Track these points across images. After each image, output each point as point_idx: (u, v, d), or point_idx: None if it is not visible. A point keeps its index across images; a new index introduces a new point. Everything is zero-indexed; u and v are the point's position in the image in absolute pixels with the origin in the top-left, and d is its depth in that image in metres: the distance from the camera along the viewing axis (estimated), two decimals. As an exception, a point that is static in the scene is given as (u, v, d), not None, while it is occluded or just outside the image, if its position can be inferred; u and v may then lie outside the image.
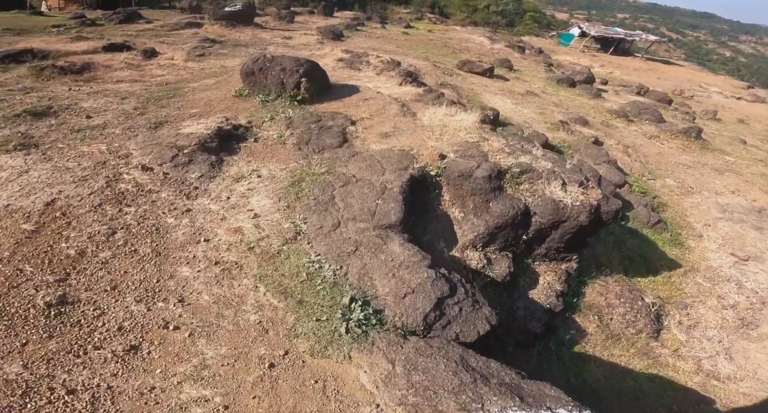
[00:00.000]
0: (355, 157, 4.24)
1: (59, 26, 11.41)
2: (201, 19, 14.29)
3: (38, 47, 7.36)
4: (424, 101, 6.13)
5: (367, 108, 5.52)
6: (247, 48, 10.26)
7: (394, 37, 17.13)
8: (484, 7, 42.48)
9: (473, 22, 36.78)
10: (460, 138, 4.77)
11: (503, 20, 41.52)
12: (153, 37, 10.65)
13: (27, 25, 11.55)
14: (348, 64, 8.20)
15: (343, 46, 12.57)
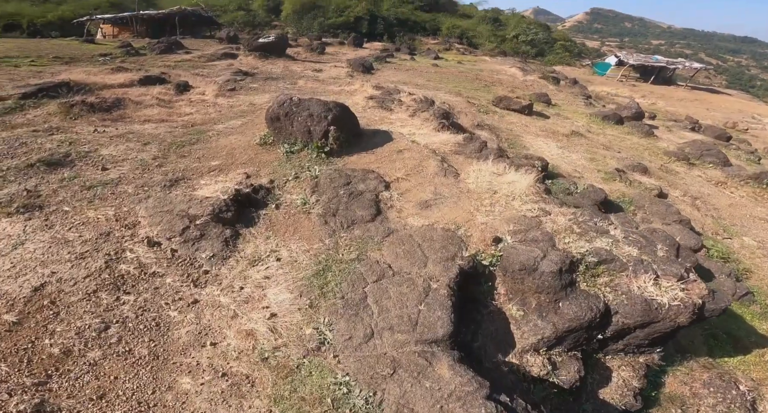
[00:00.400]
0: (390, 238, 3.60)
1: (106, 55, 11.85)
2: (236, 50, 14.60)
3: (77, 79, 7.38)
4: (466, 154, 5.48)
5: (402, 163, 4.93)
6: (278, 82, 10.13)
7: (424, 69, 16.91)
8: (513, 37, 42.41)
9: (502, 52, 36.57)
10: (515, 210, 4.04)
11: (533, 50, 41.15)
12: (189, 69, 10.78)
13: (77, 54, 12.08)
14: (379, 103, 7.76)
15: (373, 79, 12.33)
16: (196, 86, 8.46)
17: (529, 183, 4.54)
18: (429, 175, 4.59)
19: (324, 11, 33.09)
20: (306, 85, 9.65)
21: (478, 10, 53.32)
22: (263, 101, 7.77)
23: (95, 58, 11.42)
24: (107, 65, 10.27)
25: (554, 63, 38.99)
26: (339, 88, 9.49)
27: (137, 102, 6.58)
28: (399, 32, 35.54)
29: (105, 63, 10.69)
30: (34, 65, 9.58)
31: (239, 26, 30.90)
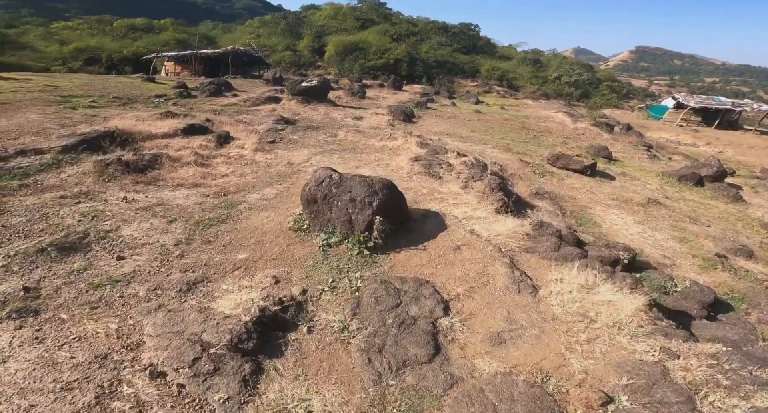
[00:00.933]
0: (454, 391, 2.64)
1: (160, 97, 12.35)
2: (281, 93, 14.90)
3: (124, 127, 7.35)
4: (539, 252, 4.50)
5: (461, 269, 4.03)
6: (318, 132, 9.84)
7: (466, 116, 16.41)
8: (555, 78, 41.83)
9: (545, 95, 35.93)
10: (625, 350, 2.97)
11: (576, 92, 40.17)
12: (233, 114, 10.85)
13: (135, 94, 12.71)
14: (425, 168, 7.05)
15: (416, 129, 11.86)
16: (237, 137, 8.27)
17: (637, 306, 3.45)
18: (498, 290, 3.64)
19: (365, 53, 34.49)
20: (346, 138, 9.25)
21: (517, 52, 53.82)
22: (301, 159, 7.33)
23: (150, 99, 11.88)
24: (159, 108, 10.55)
25: (601, 105, 37.64)
26: (380, 142, 8.98)
27: (175, 159, 6.31)
28: (438, 74, 36.10)
29: (157, 106, 11.03)
30: (94, 106, 9.97)
31: (286, 66, 32.75)
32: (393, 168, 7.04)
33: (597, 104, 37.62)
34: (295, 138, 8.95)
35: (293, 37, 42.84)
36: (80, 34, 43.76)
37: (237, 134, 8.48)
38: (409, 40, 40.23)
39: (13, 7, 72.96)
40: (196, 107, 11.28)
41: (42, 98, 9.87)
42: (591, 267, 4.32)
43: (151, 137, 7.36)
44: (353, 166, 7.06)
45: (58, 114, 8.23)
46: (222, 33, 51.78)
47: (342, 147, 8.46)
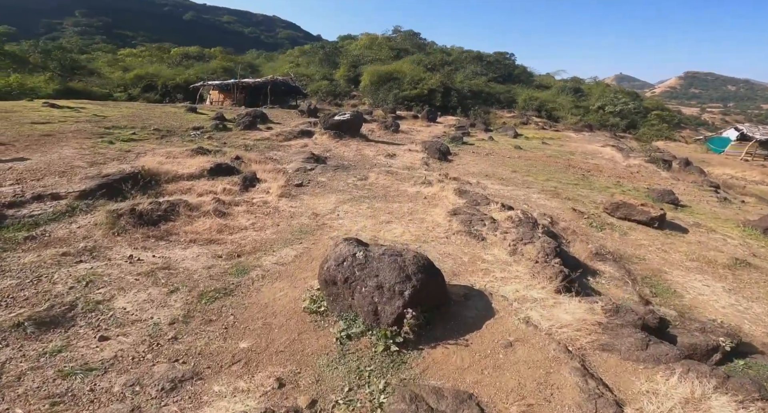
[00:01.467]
0: None
1: (198, 129, 12.60)
2: (314, 126, 14.86)
3: (151, 167, 7.19)
4: (620, 350, 3.43)
5: (515, 376, 3.08)
6: (348, 172, 9.35)
7: (505, 152, 15.50)
8: (598, 108, 40.05)
9: (588, 126, 34.24)
10: None
11: (622, 122, 38.02)
12: (265, 150, 10.69)
13: (175, 125, 13.08)
14: (465, 225, 6.19)
15: (452, 169, 11.11)
16: (264, 179, 7.90)
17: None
18: (567, 410, 2.66)
19: (399, 83, 34.90)
20: (377, 181, 8.65)
21: (555, 80, 52.60)
22: (327, 209, 6.75)
23: (188, 132, 12.10)
24: (193, 142, 10.62)
25: (651, 137, 35.27)
26: (414, 187, 8.28)
27: (194, 206, 5.92)
28: (472, 105, 35.67)
29: (192, 140, 11.15)
30: (133, 139, 10.19)
31: (322, 95, 33.74)
32: (428, 224, 6.25)
33: (646, 135, 35.30)
34: (323, 180, 8.47)
35: (330, 66, 44.59)
36: (141, 61, 48.01)
37: (264, 175, 8.14)
38: (444, 70, 40.49)
39: (89, 34, 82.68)
40: (230, 142, 11.29)
41: (86, 130, 10.24)
42: (695, 371, 3.23)
43: (177, 178, 7.13)
44: (384, 220, 6.35)
45: (93, 149, 8.34)
46: (265, 61, 55.12)
47: (372, 193, 7.84)
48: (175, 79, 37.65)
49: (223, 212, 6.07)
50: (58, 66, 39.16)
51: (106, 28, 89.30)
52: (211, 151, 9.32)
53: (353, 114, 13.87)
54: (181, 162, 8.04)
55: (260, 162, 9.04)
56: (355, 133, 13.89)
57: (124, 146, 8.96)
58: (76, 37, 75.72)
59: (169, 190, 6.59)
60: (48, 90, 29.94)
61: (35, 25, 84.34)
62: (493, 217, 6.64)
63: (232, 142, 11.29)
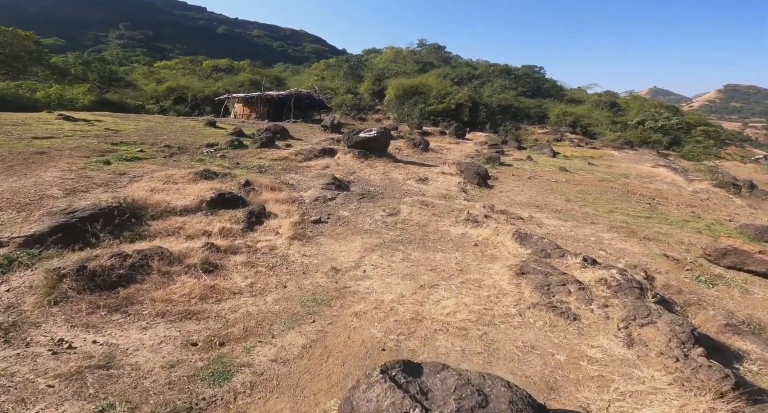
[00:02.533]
0: None
1: (211, 146, 11.44)
2: (337, 143, 13.48)
3: (139, 197, 5.85)
4: None
5: None
6: (375, 203, 7.75)
7: (550, 175, 13.53)
8: (637, 123, 37.15)
9: (628, 143, 31.51)
10: None
11: (665, 138, 34.89)
12: (281, 172, 9.30)
13: (189, 141, 12.00)
14: (543, 293, 4.39)
15: (495, 198, 9.30)
16: (274, 212, 6.41)
17: None
18: None
19: (425, 97, 33.46)
20: (411, 217, 6.98)
21: (587, 94, 49.78)
22: (351, 259, 5.12)
23: (200, 149, 10.96)
24: (202, 163, 9.39)
25: (697, 155, 32.10)
26: (458, 228, 6.54)
27: (175, 258, 4.44)
28: (502, 120, 33.73)
29: (203, 158, 9.95)
30: (138, 157, 9.06)
31: (347, 109, 32.80)
32: (489, 291, 4.49)
33: (693, 153, 32.19)
34: (346, 215, 6.89)
35: (355, 80, 43.88)
36: (175, 74, 49.03)
37: (276, 207, 6.66)
38: (471, 84, 38.88)
39: (130, 46, 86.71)
40: (243, 162, 9.99)
41: (88, 146, 9.21)
42: None
43: (167, 213, 5.74)
44: (426, 281, 4.65)
45: (83, 171, 7.15)
46: (291, 75, 55.35)
47: (407, 235, 6.16)
48: (204, 91, 37.84)
49: (213, 265, 4.56)
50: (98, 77, 40.23)
51: (146, 41, 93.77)
52: (218, 174, 7.99)
53: (380, 131, 12.39)
54: (179, 189, 6.70)
55: (273, 188, 7.59)
56: (381, 152, 12.37)
57: (121, 167, 7.77)
58: (118, 49, 79.43)
59: (152, 230, 5.18)
60: (85, 101, 30.35)
61: (83, 38, 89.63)
62: (578, 279, 4.80)
63: (245, 162, 9.99)
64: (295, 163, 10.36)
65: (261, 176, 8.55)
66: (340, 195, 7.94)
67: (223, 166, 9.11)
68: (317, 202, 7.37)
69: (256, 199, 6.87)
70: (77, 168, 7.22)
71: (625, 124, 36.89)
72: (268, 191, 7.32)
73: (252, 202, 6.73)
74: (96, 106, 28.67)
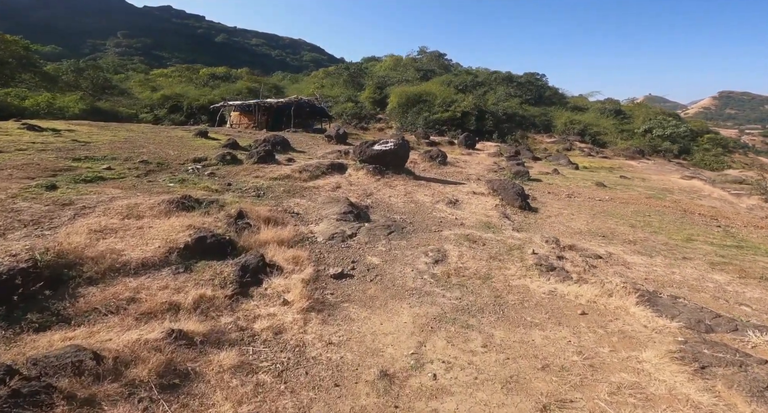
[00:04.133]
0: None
1: (199, 161, 9.45)
2: (345, 156, 11.57)
3: (74, 245, 3.88)
4: None
5: None
6: (409, 241, 5.80)
7: (590, 192, 11.71)
8: (644, 131, 35.82)
9: (639, 152, 30.07)
10: None
11: (674, 146, 33.53)
12: (283, 197, 7.33)
13: (172, 155, 9.99)
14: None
15: (550, 228, 7.41)
16: (278, 264, 4.43)
17: None
18: None
19: (429, 105, 31.81)
20: (464, 262, 5.03)
21: (589, 102, 48.57)
22: (405, 351, 3.12)
23: (186, 165, 8.97)
24: (183, 185, 7.42)
25: (710, 163, 30.79)
26: (538, 281, 4.59)
27: (109, 370, 2.45)
28: (508, 128, 32.15)
29: (185, 178, 7.97)
30: (103, 177, 7.06)
31: (347, 118, 31.04)
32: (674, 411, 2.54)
33: (705, 162, 30.85)
34: (376, 262, 4.91)
35: (355, 88, 42.28)
36: (171, 82, 47.07)
37: (279, 254, 4.67)
38: (476, 92, 37.40)
39: (128, 54, 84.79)
40: (236, 182, 8.02)
41: (40, 163, 7.19)
42: None
43: (116, 271, 3.74)
44: (546, 396, 2.66)
45: (14, 199, 5.12)
46: (290, 83, 53.69)
47: (471, 297, 4.19)
48: (200, 99, 36.00)
49: (181, 376, 2.57)
50: (90, 85, 38.38)
51: (144, 49, 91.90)
52: (202, 201, 6.00)
53: (398, 143, 10.50)
54: (142, 228, 4.71)
55: (274, 222, 5.61)
56: (399, 167, 10.48)
57: (70, 193, 5.75)
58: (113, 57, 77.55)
59: (82, 306, 3.18)
60: (75, 109, 28.58)
61: (81, 46, 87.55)
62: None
63: (239, 182, 8.01)
64: (300, 182, 8.39)
65: (258, 203, 6.57)
66: (362, 229, 5.98)
67: (210, 188, 7.12)
68: (334, 241, 5.40)
69: (252, 241, 4.88)
70: (6, 195, 5.19)
71: (631, 132, 35.56)
72: (267, 227, 5.34)
73: (246, 245, 4.74)
74: (87, 115, 26.98)
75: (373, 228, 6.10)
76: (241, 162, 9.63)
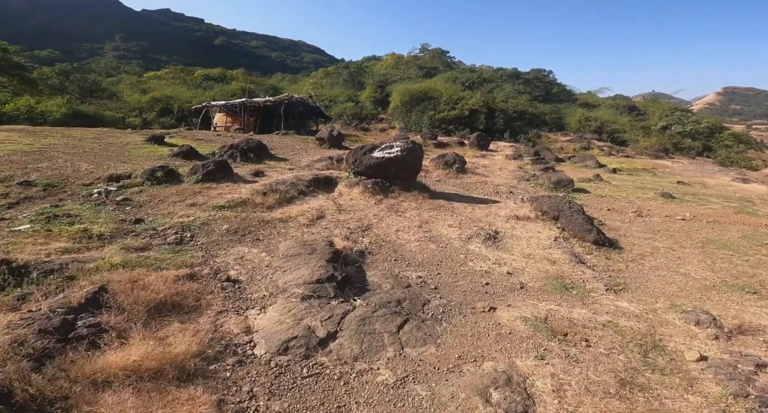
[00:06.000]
0: None
1: (118, 180, 6.55)
2: (337, 165, 8.64)
3: None
4: None
5: None
6: (438, 345, 2.88)
7: (663, 208, 8.68)
8: (662, 128, 32.72)
9: (663, 150, 27.03)
10: None
11: (696, 144, 30.42)
12: (223, 242, 4.41)
13: (87, 169, 7.09)
14: None
15: (669, 286, 4.39)
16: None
17: None
18: None
19: (435, 103, 28.83)
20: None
21: (599, 98, 45.46)
22: None
23: (93, 186, 6.07)
24: (55, 223, 4.53)
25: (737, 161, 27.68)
26: None
27: None
28: (521, 127, 29.15)
29: (64, 213, 5.07)
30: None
31: (347, 119, 28.18)
32: None
33: (731, 159, 27.71)
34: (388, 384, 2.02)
35: (355, 87, 39.48)
36: (164, 84, 44.31)
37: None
38: (483, 89, 34.38)
39: (126, 58, 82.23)
40: (153, 216, 5.09)
41: None
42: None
43: None
44: None
45: None
46: (288, 84, 50.93)
47: None
48: (192, 101, 33.25)
49: None
50: (77, 89, 35.88)
51: (142, 53, 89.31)
52: (31, 272, 3.10)
53: (406, 147, 7.55)
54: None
55: (175, 310, 2.70)
56: (409, 180, 7.53)
57: None
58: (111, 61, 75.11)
59: None
60: (57, 114, 26.06)
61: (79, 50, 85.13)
62: None
63: (158, 216, 5.07)
64: (260, 211, 5.43)
65: (168, 260, 3.65)
66: (348, 319, 3.04)
67: (88, 234, 4.20)
68: (288, 360, 2.47)
69: (76, 380, 1.96)
70: None
71: (647, 128, 32.53)
72: (150, 326, 2.42)
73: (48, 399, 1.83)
74: (69, 119, 24.58)
75: (370, 315, 3.16)
76: (182, 180, 6.68)
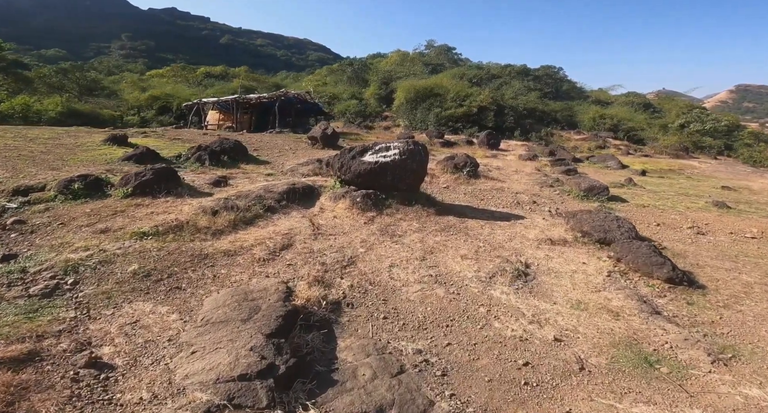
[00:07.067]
0: None
1: (26, 193, 5.10)
2: (326, 170, 7.10)
3: None
4: None
5: None
6: None
7: (723, 222, 6.96)
8: (680, 126, 30.65)
9: (684, 149, 25.03)
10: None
11: (716, 142, 28.35)
12: (117, 296, 2.91)
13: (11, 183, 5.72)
14: None
15: None
16: None
17: None
18: None
19: (441, 101, 27.12)
20: None
21: (610, 96, 43.28)
22: None
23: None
24: None
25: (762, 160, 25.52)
26: None
27: None
28: (531, 125, 27.33)
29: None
30: None
31: (351, 117, 26.64)
32: None
33: (755, 159, 25.63)
34: None
35: (359, 84, 37.91)
36: (165, 82, 43.18)
37: None
38: (491, 85, 32.55)
39: (132, 57, 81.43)
40: (34, 250, 3.60)
41: None
42: None
43: None
44: None
45: None
46: (292, 82, 49.54)
47: None
48: (191, 99, 32.02)
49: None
50: (76, 87, 34.97)
51: (148, 51, 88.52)
52: None
53: (406, 148, 5.96)
54: None
55: None
56: (410, 190, 5.92)
57: None
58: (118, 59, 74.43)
59: None
60: (53, 113, 25.09)
61: (85, 50, 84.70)
62: None
63: (43, 248, 3.56)
64: (201, 240, 3.87)
65: (18, 326, 2.15)
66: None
67: None
68: None
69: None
70: None
71: (665, 126, 30.50)
72: None
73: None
74: (64, 118, 23.56)
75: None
76: (108, 194, 5.12)
